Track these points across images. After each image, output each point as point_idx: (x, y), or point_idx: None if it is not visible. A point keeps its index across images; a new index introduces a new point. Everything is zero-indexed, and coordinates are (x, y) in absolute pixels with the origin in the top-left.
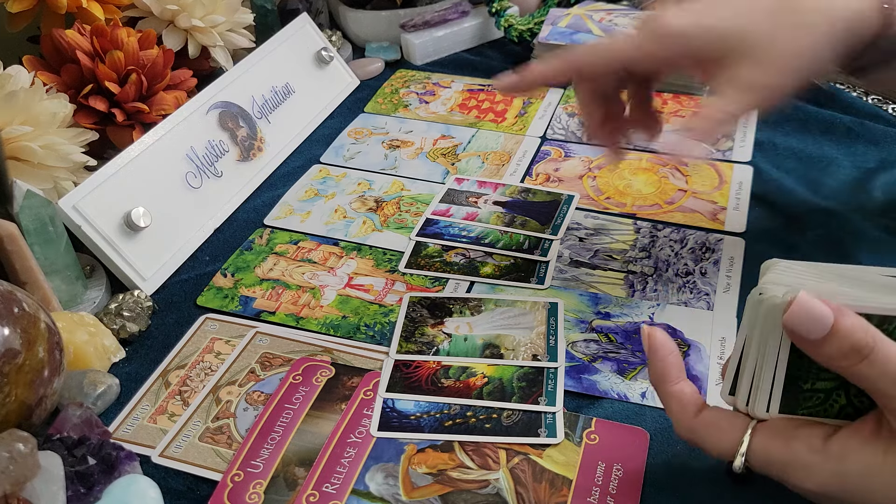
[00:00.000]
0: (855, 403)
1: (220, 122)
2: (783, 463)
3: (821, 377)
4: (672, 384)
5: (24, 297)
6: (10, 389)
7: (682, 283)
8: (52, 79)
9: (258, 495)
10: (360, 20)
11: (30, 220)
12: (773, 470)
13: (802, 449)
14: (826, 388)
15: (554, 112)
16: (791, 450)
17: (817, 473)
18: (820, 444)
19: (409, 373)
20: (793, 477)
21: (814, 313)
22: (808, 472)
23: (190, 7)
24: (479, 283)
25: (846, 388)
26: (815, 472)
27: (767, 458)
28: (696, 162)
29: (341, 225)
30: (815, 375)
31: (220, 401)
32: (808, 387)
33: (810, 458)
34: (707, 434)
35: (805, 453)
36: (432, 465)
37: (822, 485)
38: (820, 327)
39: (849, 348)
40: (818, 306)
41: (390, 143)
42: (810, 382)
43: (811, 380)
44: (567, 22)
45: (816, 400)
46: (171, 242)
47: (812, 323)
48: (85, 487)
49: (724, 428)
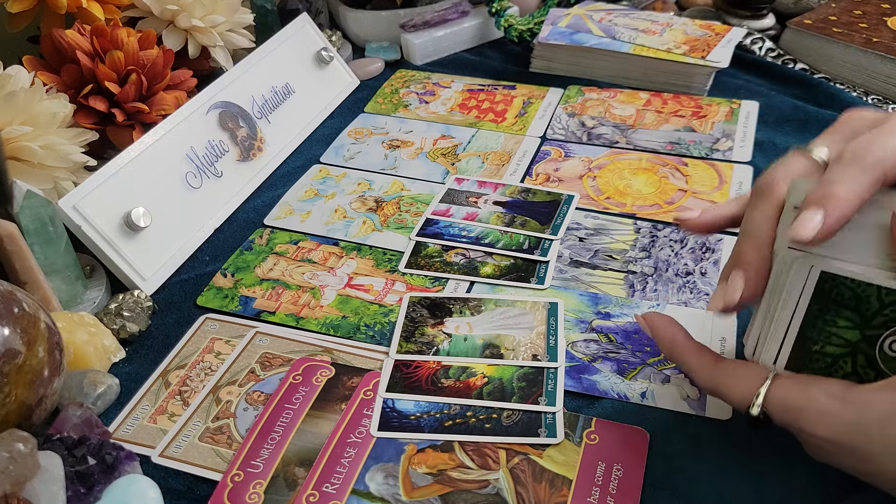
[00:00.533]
0: (860, 373)
1: (220, 122)
2: (799, 409)
3: (832, 342)
4: (684, 344)
5: (24, 297)
6: (10, 389)
7: (682, 283)
8: (52, 79)
9: (258, 495)
10: (360, 20)
11: (30, 220)
12: (790, 417)
13: (821, 395)
14: (834, 354)
15: (554, 112)
16: (809, 396)
17: (834, 421)
18: (840, 391)
19: (409, 373)
20: (808, 424)
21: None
22: (824, 420)
23: (190, 7)
24: (479, 283)
25: (854, 357)
26: (832, 420)
27: (784, 404)
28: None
29: (341, 225)
30: (826, 339)
31: (220, 401)
32: (818, 349)
33: (828, 404)
34: (727, 381)
35: (823, 400)
36: (432, 465)
37: (838, 433)
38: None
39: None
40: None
41: (390, 143)
42: (820, 345)
43: (822, 342)
44: (567, 22)
45: (822, 363)
46: (171, 242)
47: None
48: (85, 487)
49: (742, 375)
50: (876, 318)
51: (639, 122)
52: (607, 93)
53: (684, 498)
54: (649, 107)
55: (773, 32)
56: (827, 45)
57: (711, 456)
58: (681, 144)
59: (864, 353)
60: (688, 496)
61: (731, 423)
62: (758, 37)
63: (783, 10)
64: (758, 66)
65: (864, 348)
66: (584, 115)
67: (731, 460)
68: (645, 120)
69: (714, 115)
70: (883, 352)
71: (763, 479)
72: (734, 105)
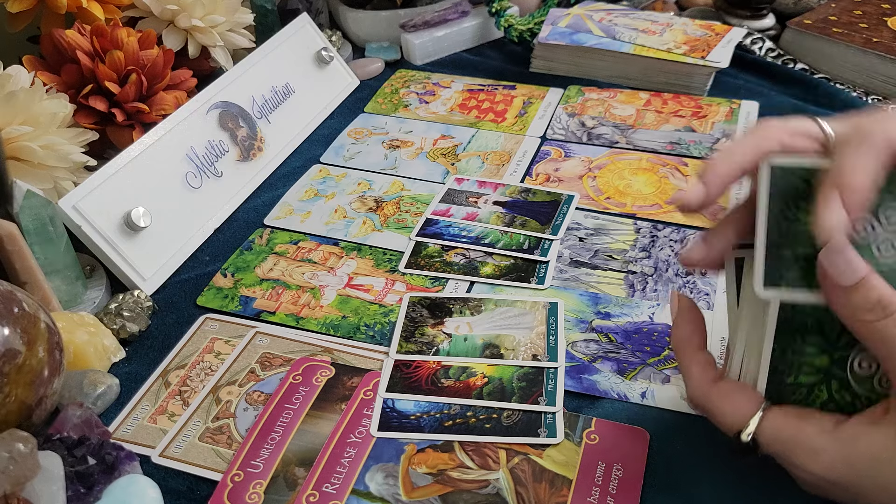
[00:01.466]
0: (836, 398)
1: (220, 122)
2: (791, 442)
3: (803, 371)
4: (694, 349)
5: (24, 297)
6: (10, 389)
7: (682, 283)
8: (52, 79)
9: (258, 495)
10: (360, 20)
11: (30, 220)
12: (780, 448)
13: (812, 430)
14: (809, 383)
15: (554, 112)
16: (801, 430)
17: (825, 456)
18: (831, 426)
19: (409, 373)
20: (799, 458)
21: (849, 258)
22: (816, 455)
23: (190, 7)
24: (479, 283)
25: (828, 383)
26: (823, 455)
27: (776, 436)
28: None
29: (341, 225)
30: (797, 369)
31: (220, 401)
32: (791, 380)
33: (820, 440)
34: (720, 403)
35: (815, 435)
36: (432, 465)
37: (829, 469)
38: (851, 272)
39: (875, 301)
40: (852, 253)
41: (390, 143)
42: (794, 376)
43: (794, 373)
44: (567, 22)
45: (800, 394)
46: (171, 242)
47: (846, 266)
48: (85, 487)
49: (737, 400)
50: (841, 337)
51: (639, 122)
52: (607, 93)
53: (684, 498)
54: (649, 107)
55: (773, 32)
56: (827, 45)
57: (711, 456)
58: (681, 144)
59: (837, 377)
60: (688, 496)
61: None
62: (758, 37)
63: (783, 10)
64: (758, 66)
65: (835, 372)
66: (584, 115)
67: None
68: (645, 120)
69: (714, 115)
70: (854, 372)
71: (763, 480)
72: (734, 105)
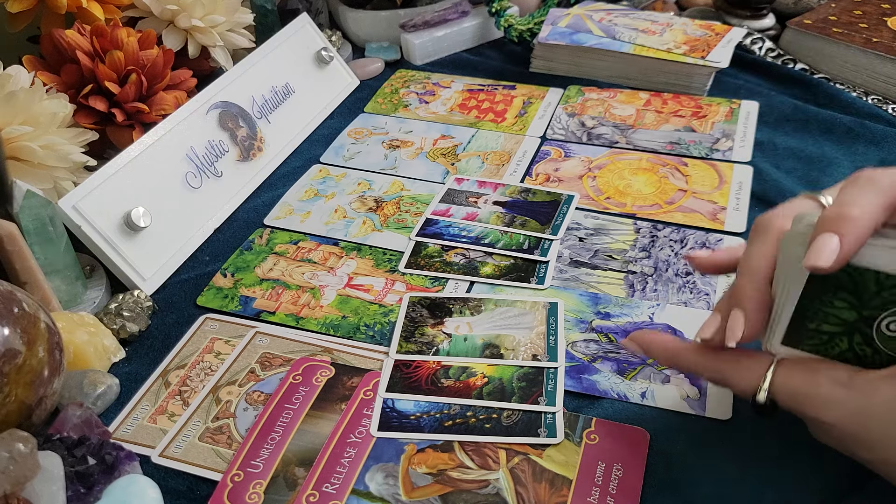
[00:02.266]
0: (856, 350)
1: (220, 122)
2: (805, 395)
3: (829, 321)
4: (680, 348)
5: (24, 297)
6: (10, 389)
7: (682, 283)
8: (52, 79)
9: (258, 495)
10: (360, 20)
11: (30, 220)
12: (796, 403)
13: (826, 382)
14: (831, 332)
15: (554, 112)
16: (815, 382)
17: (840, 406)
18: (845, 377)
19: (409, 373)
20: (814, 410)
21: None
22: (831, 405)
23: (190, 7)
24: (479, 283)
25: (851, 335)
26: (838, 405)
27: (791, 391)
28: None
29: (341, 225)
30: (822, 318)
31: (220, 401)
32: (814, 327)
33: (834, 390)
34: (731, 370)
35: (829, 386)
36: (432, 465)
37: (843, 418)
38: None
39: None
40: None
41: (390, 143)
42: (817, 323)
43: (818, 321)
44: (567, 22)
45: (819, 340)
46: (171, 242)
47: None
48: (85, 487)
49: (746, 363)
50: (873, 300)
51: (639, 122)
52: (607, 93)
53: (684, 498)
54: (649, 107)
55: (773, 32)
56: (827, 45)
57: (711, 456)
58: (681, 144)
59: (861, 332)
60: (688, 496)
61: (731, 423)
62: (758, 37)
63: (783, 10)
64: (758, 66)
65: (861, 328)
66: (584, 115)
67: (731, 460)
68: (645, 120)
69: (714, 115)
70: (880, 331)
71: (763, 480)
72: (734, 105)
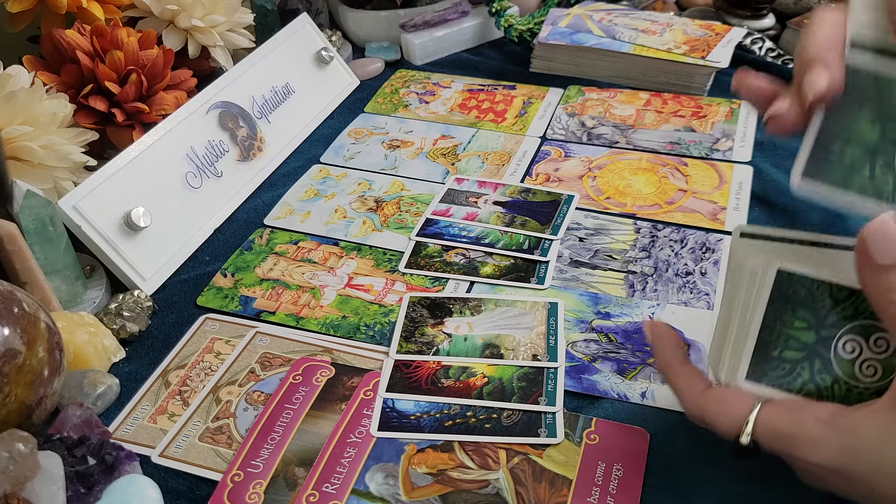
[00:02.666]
0: (817, 380)
1: (220, 122)
2: (789, 436)
3: (790, 346)
4: (678, 366)
5: (24, 297)
6: (10, 389)
7: (682, 283)
8: (52, 79)
9: (258, 495)
10: (360, 20)
11: (30, 220)
12: (780, 444)
13: (809, 421)
14: (793, 359)
15: (554, 112)
16: (798, 422)
17: (824, 446)
18: (828, 416)
19: (409, 373)
20: (799, 451)
21: (892, 238)
22: (815, 446)
23: (190, 7)
24: (479, 283)
25: (811, 361)
26: (822, 445)
27: (774, 432)
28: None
29: (341, 225)
30: (784, 343)
31: (220, 401)
32: (777, 354)
33: (818, 430)
34: (715, 409)
35: (812, 426)
36: (432, 465)
37: (829, 458)
38: (892, 252)
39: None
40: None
41: (390, 143)
42: (779, 349)
43: (781, 347)
44: (567, 22)
45: (782, 370)
46: (171, 242)
47: (888, 245)
48: (85, 487)
49: (731, 402)
50: (829, 316)
51: (639, 122)
52: (607, 93)
53: (684, 498)
54: (649, 107)
55: (773, 32)
56: None
57: (711, 456)
58: (681, 144)
59: (821, 356)
60: (688, 496)
61: None
62: (758, 37)
63: (783, 10)
64: (758, 66)
65: (819, 351)
66: (584, 115)
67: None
68: (645, 120)
69: (714, 115)
70: (837, 354)
71: (763, 480)
72: (734, 105)
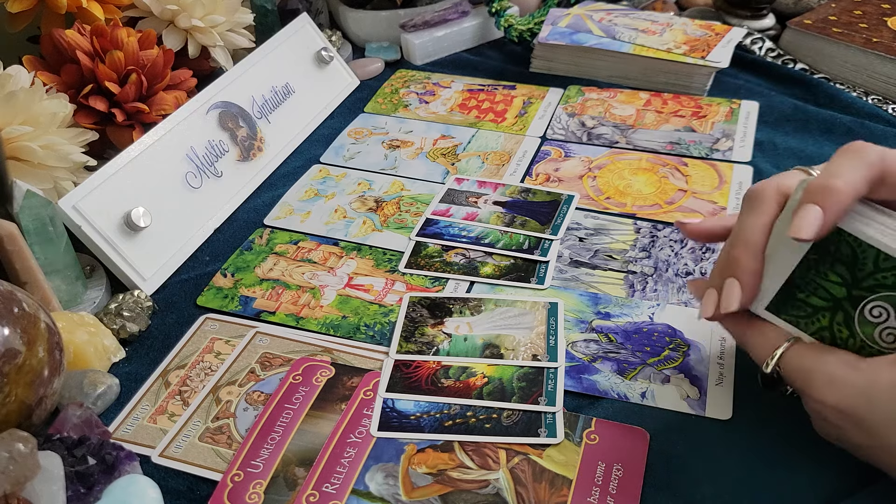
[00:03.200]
0: (833, 330)
1: (220, 122)
2: (812, 371)
3: (818, 293)
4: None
5: (24, 297)
6: (10, 389)
7: (682, 283)
8: (52, 79)
9: (258, 495)
10: (360, 20)
11: (30, 220)
12: (801, 379)
13: (834, 361)
14: (816, 305)
15: (554, 112)
16: (823, 360)
17: (843, 387)
18: (853, 360)
19: (409, 373)
20: (818, 389)
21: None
22: (834, 385)
23: (190, 7)
24: (479, 283)
25: (833, 312)
26: (841, 386)
27: (798, 366)
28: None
29: (341, 225)
30: (812, 290)
31: (220, 401)
32: (802, 297)
33: (840, 370)
34: (754, 337)
35: (836, 365)
36: (432, 465)
37: (845, 399)
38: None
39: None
40: None
41: (390, 143)
42: (806, 294)
43: (808, 292)
44: (567, 22)
45: (803, 312)
46: (171, 242)
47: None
48: (85, 487)
49: (768, 334)
50: (866, 280)
51: (639, 122)
52: (607, 93)
53: (684, 498)
54: (649, 107)
55: (773, 32)
56: (827, 45)
57: (711, 456)
58: (681, 144)
59: (845, 311)
60: (688, 496)
61: (731, 423)
62: (758, 37)
63: (783, 10)
64: (758, 66)
65: (846, 307)
66: (584, 115)
67: (731, 460)
68: (645, 120)
69: (714, 115)
70: (863, 315)
71: (762, 480)
72: (734, 105)
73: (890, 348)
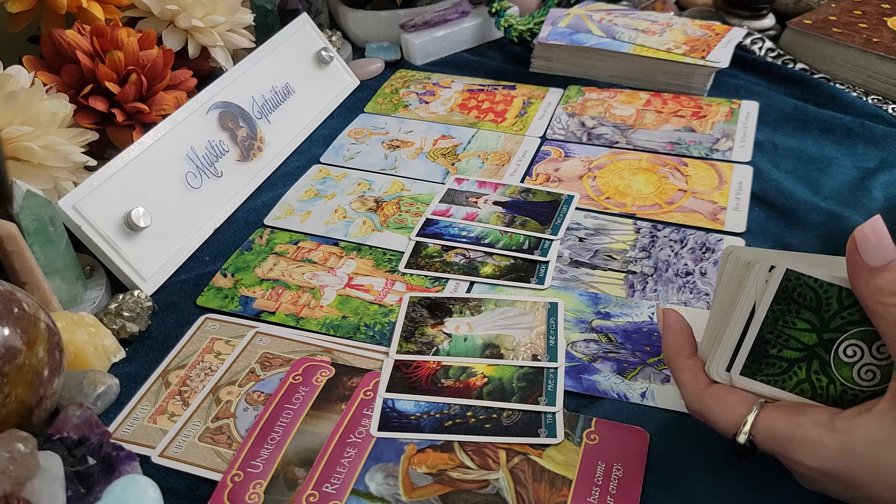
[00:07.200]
0: (812, 380)
1: (220, 122)
2: (787, 438)
3: (790, 345)
4: (684, 358)
5: (24, 297)
6: (10, 389)
7: (682, 283)
8: (52, 79)
9: (258, 495)
10: (360, 20)
11: (30, 220)
12: (777, 445)
13: (808, 424)
14: (790, 358)
15: (554, 112)
16: (796, 424)
17: (822, 449)
18: (826, 419)
19: (409, 373)
20: (796, 454)
21: (883, 240)
22: (813, 449)
23: (190, 7)
24: (479, 283)
25: (809, 363)
26: (820, 449)
27: (772, 433)
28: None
29: (341, 225)
30: (784, 342)
31: (220, 401)
32: (775, 353)
33: (816, 433)
34: (715, 406)
35: (810, 428)
36: (432, 465)
37: (827, 460)
38: (882, 254)
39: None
40: (887, 236)
41: (390, 143)
42: (778, 348)
43: (780, 346)
44: (567, 22)
45: (778, 368)
46: (171, 242)
47: (878, 247)
48: (85, 487)
49: (731, 401)
50: (834, 320)
51: (639, 123)
52: (607, 93)
53: (684, 498)
54: (649, 107)
55: (773, 32)
56: (827, 45)
57: (711, 456)
58: (681, 144)
59: (819, 358)
60: (688, 496)
61: None
62: (758, 37)
63: (783, 10)
64: (758, 66)
65: (819, 352)
66: (584, 116)
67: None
68: (645, 120)
69: (714, 115)
70: (837, 357)
71: (763, 480)
72: (734, 105)
73: (870, 387)
